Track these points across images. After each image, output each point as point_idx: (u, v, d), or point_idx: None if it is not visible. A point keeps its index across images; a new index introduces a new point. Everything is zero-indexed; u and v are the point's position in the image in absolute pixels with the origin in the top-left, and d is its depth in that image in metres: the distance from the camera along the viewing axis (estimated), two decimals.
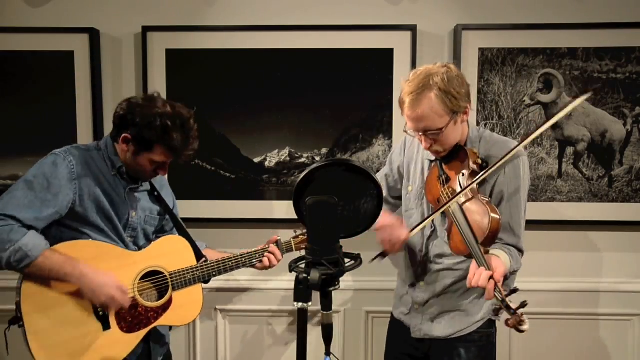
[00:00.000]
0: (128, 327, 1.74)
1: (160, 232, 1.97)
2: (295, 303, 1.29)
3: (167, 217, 1.94)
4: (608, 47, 2.26)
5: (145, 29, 2.33)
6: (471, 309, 1.83)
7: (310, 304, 1.29)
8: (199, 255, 1.89)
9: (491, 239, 1.59)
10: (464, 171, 1.70)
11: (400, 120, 2.30)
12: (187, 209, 2.39)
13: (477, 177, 1.66)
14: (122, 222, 1.78)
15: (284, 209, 2.38)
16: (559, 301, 2.41)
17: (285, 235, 2.05)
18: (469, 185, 1.65)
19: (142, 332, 1.76)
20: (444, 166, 1.77)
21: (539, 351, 2.45)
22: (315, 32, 2.31)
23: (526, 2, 2.30)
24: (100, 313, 1.70)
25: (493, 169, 1.65)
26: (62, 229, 1.70)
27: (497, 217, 1.60)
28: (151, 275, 1.79)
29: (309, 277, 1.25)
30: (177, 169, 2.39)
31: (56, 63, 2.34)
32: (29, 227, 1.62)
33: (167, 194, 1.97)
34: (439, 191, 1.74)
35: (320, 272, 1.25)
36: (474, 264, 1.55)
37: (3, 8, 2.37)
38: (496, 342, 1.89)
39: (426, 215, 1.84)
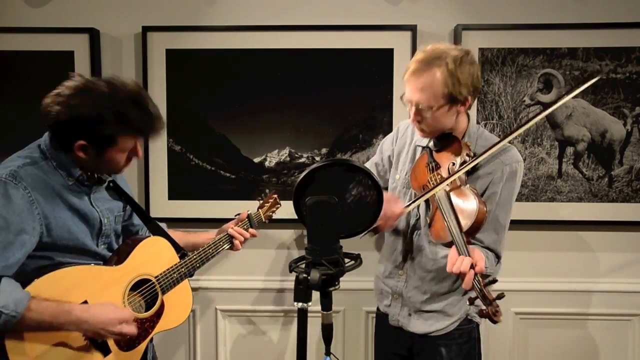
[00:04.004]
0: (128, 344, 1.63)
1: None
2: (296, 303, 1.29)
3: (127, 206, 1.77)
4: (608, 47, 2.26)
5: (145, 29, 2.33)
6: (449, 309, 1.81)
7: (310, 304, 1.29)
8: (176, 247, 1.80)
9: (475, 229, 1.56)
10: (454, 160, 1.68)
11: (401, 120, 2.30)
12: (187, 209, 2.39)
13: (467, 163, 1.63)
14: (95, 233, 1.61)
15: (284, 209, 2.37)
16: (559, 301, 2.41)
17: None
18: (459, 170, 1.62)
19: (143, 345, 1.68)
20: (434, 154, 1.75)
21: (538, 351, 2.45)
22: (315, 32, 2.31)
23: (526, 2, 2.30)
24: (99, 340, 1.55)
25: (483, 156, 1.63)
26: (24, 260, 1.45)
27: (485, 208, 1.57)
28: (138, 285, 1.68)
29: (309, 277, 1.25)
30: (177, 169, 2.40)
31: (56, 63, 2.34)
32: None
33: (121, 180, 1.77)
34: (426, 177, 1.72)
35: (320, 272, 1.26)
36: (453, 251, 1.51)
37: (3, 8, 2.37)
38: (479, 336, 1.87)
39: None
